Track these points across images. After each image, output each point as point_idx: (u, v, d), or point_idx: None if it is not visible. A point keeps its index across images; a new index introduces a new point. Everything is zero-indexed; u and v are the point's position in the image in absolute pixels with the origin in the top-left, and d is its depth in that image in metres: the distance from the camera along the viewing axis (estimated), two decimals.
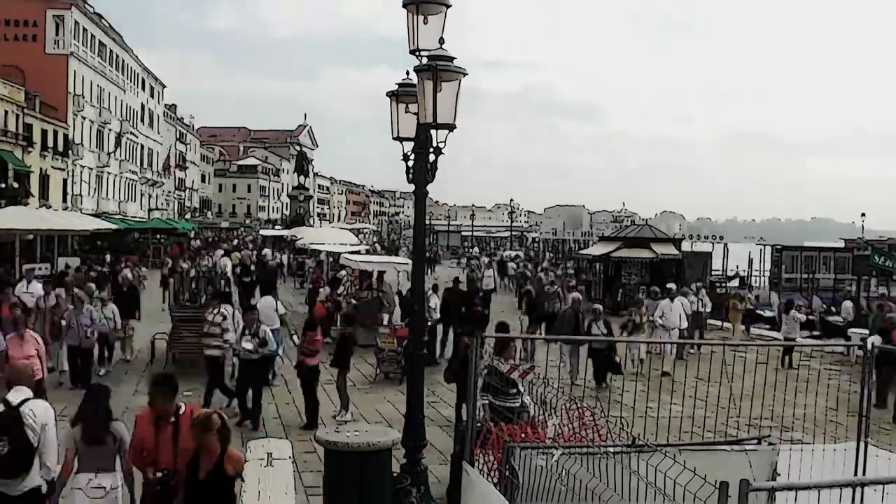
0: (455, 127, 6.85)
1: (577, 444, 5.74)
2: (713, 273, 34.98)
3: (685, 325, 17.05)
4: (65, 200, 46.09)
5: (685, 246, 35.78)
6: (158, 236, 50.19)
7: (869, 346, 6.81)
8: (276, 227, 74.95)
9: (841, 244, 46.36)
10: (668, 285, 18.54)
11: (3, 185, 36.23)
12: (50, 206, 39.96)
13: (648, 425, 7.73)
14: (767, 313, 30.20)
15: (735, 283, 37.60)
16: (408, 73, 7.33)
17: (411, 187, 7.34)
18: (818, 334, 25.85)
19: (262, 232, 64.67)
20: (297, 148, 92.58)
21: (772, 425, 10.38)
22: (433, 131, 6.88)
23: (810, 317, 28.13)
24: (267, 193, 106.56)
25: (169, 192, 74.85)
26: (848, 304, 25.58)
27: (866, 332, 18.33)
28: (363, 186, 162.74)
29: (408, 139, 7.33)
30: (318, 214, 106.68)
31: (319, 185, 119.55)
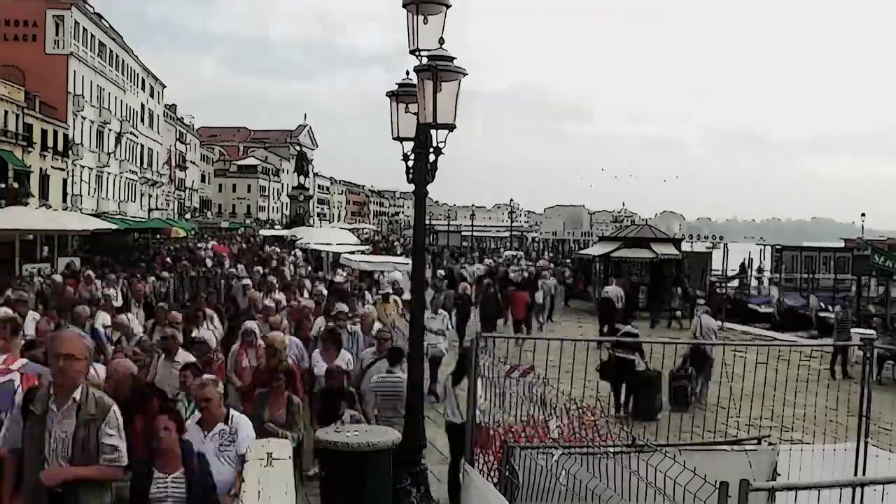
0: (455, 127, 6.85)
1: (577, 444, 5.74)
2: (713, 273, 34.93)
3: None
4: (65, 200, 46.07)
5: (685, 246, 35.74)
6: (158, 236, 50.21)
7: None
8: (276, 227, 75.01)
9: (841, 244, 46.33)
10: None
11: (3, 185, 36.22)
12: (50, 206, 39.96)
13: (648, 425, 7.73)
14: (763, 309, 30.23)
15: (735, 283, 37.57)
16: (407, 73, 7.33)
17: (411, 187, 7.34)
18: (815, 333, 25.89)
19: (263, 232, 64.63)
20: (297, 148, 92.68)
21: (772, 425, 10.38)
22: (433, 131, 6.88)
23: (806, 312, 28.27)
24: (267, 193, 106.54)
25: (169, 192, 74.85)
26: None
27: (867, 331, 18.32)
28: (363, 186, 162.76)
29: (408, 139, 7.33)
30: (318, 214, 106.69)
31: (319, 185, 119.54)
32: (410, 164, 7.25)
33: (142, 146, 64.58)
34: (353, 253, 25.79)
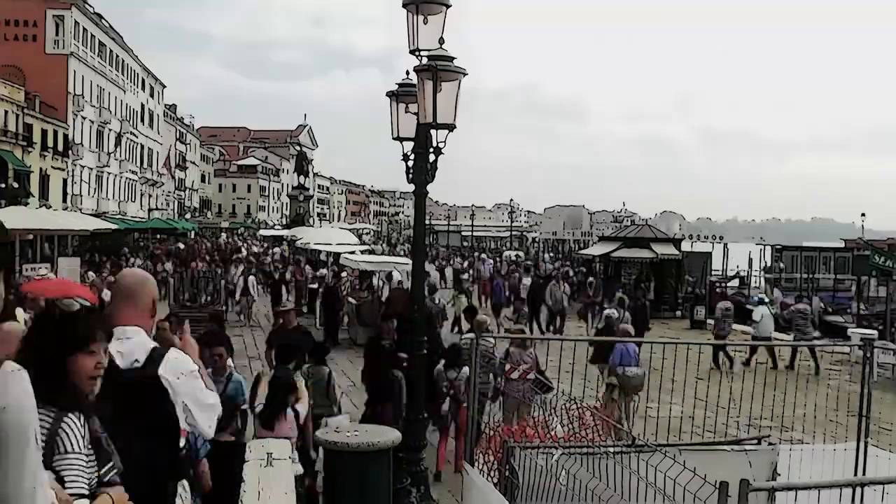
0: (455, 127, 6.85)
1: (577, 444, 5.74)
2: (713, 273, 34.93)
3: None
4: (65, 200, 46.07)
5: (685, 246, 35.78)
6: (158, 236, 50.21)
7: None
8: (276, 227, 74.97)
9: (841, 244, 46.33)
10: None
11: (3, 185, 36.23)
12: (50, 206, 39.95)
13: (648, 425, 7.73)
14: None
15: (735, 282, 37.56)
16: (407, 72, 7.33)
17: (411, 187, 7.34)
18: (818, 335, 25.87)
19: (262, 232, 64.58)
20: (297, 148, 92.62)
21: (772, 425, 10.38)
22: (433, 131, 6.88)
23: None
24: (267, 193, 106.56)
25: (169, 192, 74.85)
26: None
27: (867, 331, 18.31)
28: (363, 186, 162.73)
29: (408, 139, 7.33)
30: (318, 214, 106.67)
31: (319, 185, 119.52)
32: (410, 164, 7.26)
33: (142, 146, 64.59)
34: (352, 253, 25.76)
